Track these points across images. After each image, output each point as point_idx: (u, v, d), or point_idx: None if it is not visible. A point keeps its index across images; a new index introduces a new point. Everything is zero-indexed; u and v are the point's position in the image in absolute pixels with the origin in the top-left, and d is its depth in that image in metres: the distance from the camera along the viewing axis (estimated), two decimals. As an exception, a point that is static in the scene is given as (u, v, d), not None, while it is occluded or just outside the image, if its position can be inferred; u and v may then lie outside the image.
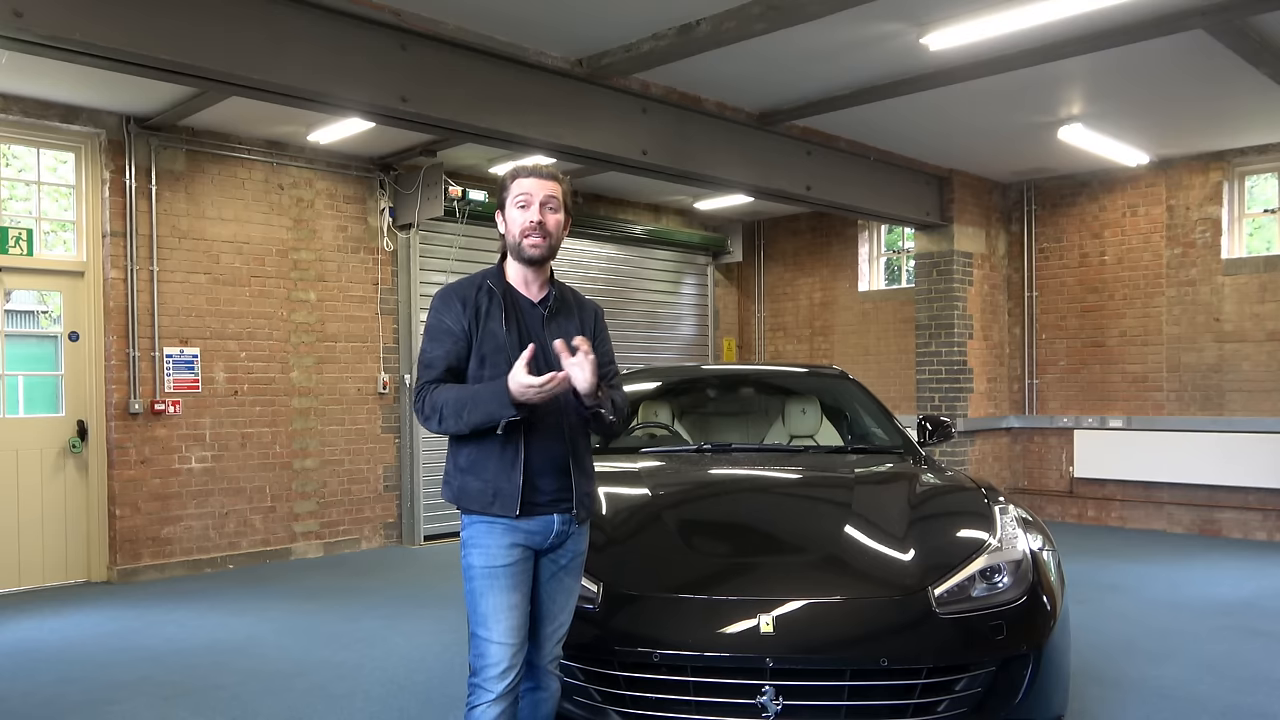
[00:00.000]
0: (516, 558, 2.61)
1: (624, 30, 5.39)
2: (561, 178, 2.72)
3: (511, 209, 2.67)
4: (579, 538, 2.76)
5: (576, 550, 2.76)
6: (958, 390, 8.95)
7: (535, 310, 2.72)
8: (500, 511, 2.58)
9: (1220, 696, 4.13)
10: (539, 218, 2.64)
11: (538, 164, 2.74)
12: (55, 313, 6.93)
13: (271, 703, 4.19)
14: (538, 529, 2.64)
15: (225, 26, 4.50)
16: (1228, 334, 8.29)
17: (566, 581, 2.76)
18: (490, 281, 2.72)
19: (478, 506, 2.62)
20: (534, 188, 2.66)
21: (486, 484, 2.60)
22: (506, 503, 2.59)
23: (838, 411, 5.06)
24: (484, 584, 2.59)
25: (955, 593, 3.06)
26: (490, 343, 2.63)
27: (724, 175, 6.99)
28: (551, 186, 2.68)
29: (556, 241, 2.69)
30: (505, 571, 2.59)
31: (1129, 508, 8.82)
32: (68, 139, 6.74)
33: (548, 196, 2.66)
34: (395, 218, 8.18)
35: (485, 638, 2.57)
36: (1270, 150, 8.09)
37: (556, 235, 2.68)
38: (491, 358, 2.63)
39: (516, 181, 2.68)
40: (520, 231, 2.64)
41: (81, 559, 6.81)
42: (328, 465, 7.82)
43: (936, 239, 9.03)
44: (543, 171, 2.69)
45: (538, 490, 2.61)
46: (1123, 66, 6.03)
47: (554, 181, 2.69)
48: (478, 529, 2.63)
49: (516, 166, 2.72)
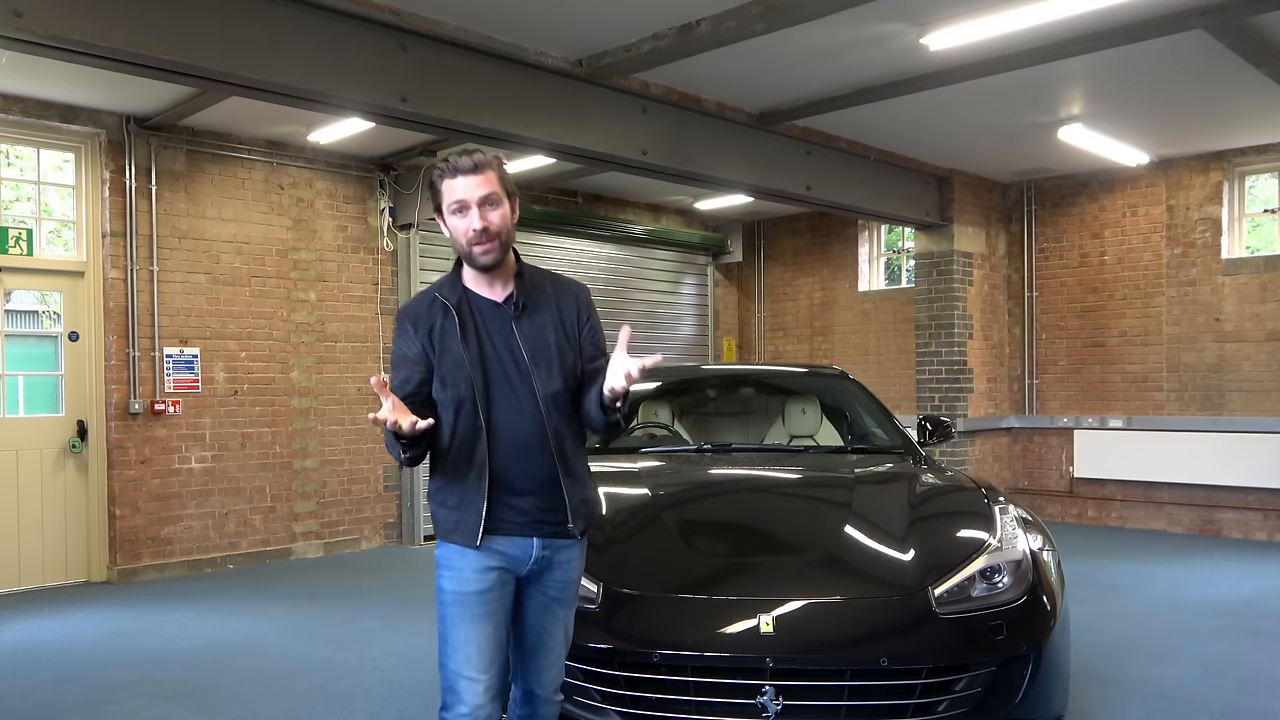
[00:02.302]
0: (490, 583, 2.40)
1: (624, 30, 5.39)
2: (493, 161, 2.40)
3: (449, 217, 2.40)
4: (567, 566, 2.51)
5: (565, 580, 2.52)
6: (958, 390, 8.95)
7: (500, 312, 2.45)
8: (461, 540, 2.39)
9: (1220, 696, 4.13)
10: (481, 223, 2.35)
11: (462, 157, 2.38)
12: (55, 312, 6.93)
13: (271, 703, 4.19)
14: (515, 552, 2.43)
15: (225, 26, 4.50)
16: (1228, 334, 8.29)
17: (560, 614, 2.55)
18: (443, 293, 2.46)
19: (442, 534, 2.46)
20: (466, 190, 2.36)
21: (450, 511, 2.42)
22: (467, 532, 2.39)
23: (838, 411, 5.06)
24: (454, 610, 2.39)
25: (955, 593, 3.06)
26: (448, 361, 2.39)
27: (724, 175, 6.99)
28: (485, 181, 2.37)
29: (508, 238, 2.41)
30: (477, 599, 2.38)
31: (1129, 508, 8.82)
32: (68, 139, 6.74)
33: (484, 196, 2.36)
34: (395, 218, 8.18)
35: (455, 670, 2.38)
36: (1270, 150, 8.09)
37: (506, 232, 2.40)
38: (451, 377, 2.39)
39: (446, 185, 2.38)
40: (466, 241, 2.38)
41: (81, 559, 6.81)
42: (328, 465, 7.82)
43: (936, 239, 9.03)
44: (470, 165, 2.36)
45: (516, 510, 2.41)
46: (1123, 66, 6.03)
47: (486, 173, 2.37)
48: (449, 549, 2.43)
49: (440, 166, 2.39)
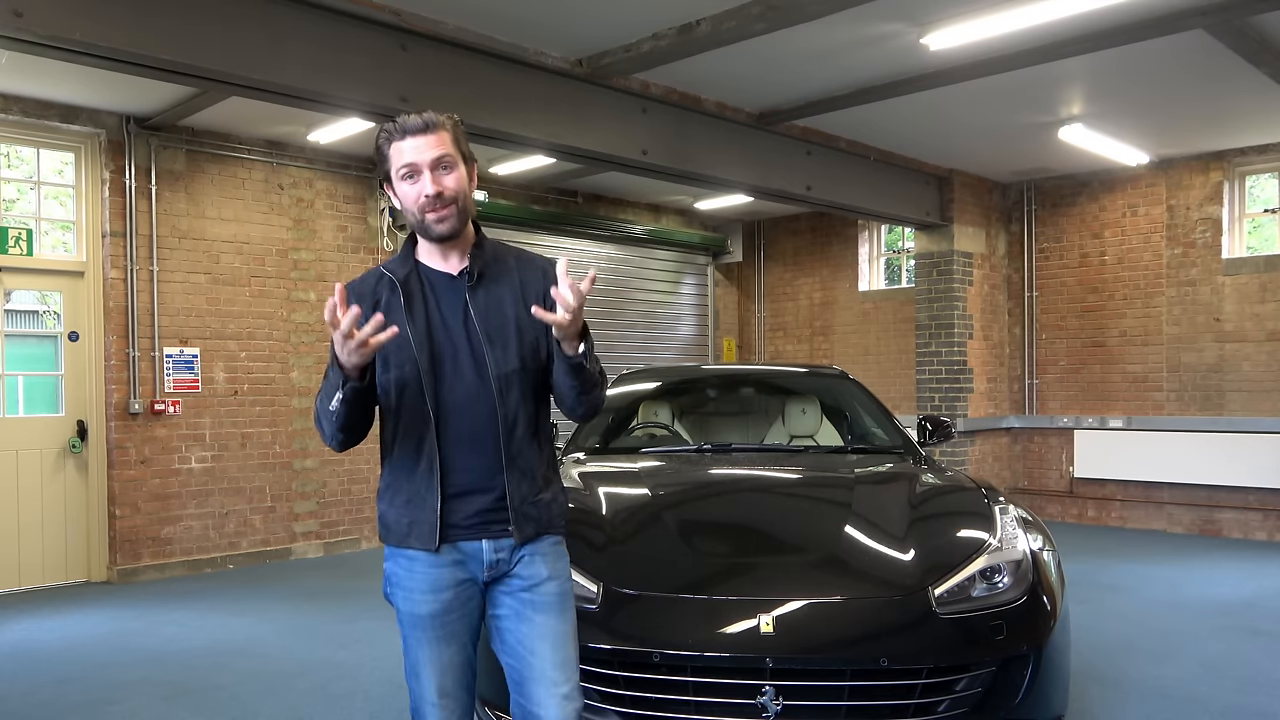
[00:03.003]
0: (444, 603, 2.13)
1: (624, 30, 5.39)
2: (446, 120, 2.12)
3: (399, 184, 2.12)
4: (536, 561, 2.17)
5: (534, 576, 2.16)
6: (958, 390, 8.95)
7: (454, 285, 2.18)
8: (417, 544, 2.12)
9: (1220, 696, 4.13)
10: (434, 188, 2.07)
11: (410, 117, 2.11)
12: (55, 312, 6.93)
13: (271, 703, 4.19)
14: (468, 558, 2.14)
15: (225, 26, 4.50)
16: (1228, 334, 8.29)
17: (539, 623, 2.14)
18: (389, 268, 2.21)
19: (395, 540, 2.15)
20: (416, 152, 2.07)
21: (401, 511, 2.14)
22: (422, 535, 2.10)
23: (838, 411, 5.06)
24: (410, 633, 2.15)
25: (955, 593, 3.05)
26: (392, 341, 2.04)
27: (724, 175, 6.99)
28: (437, 141, 2.08)
29: (465, 204, 2.13)
30: (431, 621, 2.13)
31: (1129, 508, 8.82)
32: (68, 139, 6.74)
33: (436, 158, 2.08)
34: (395, 218, 8.18)
35: (418, 694, 2.16)
36: (1270, 150, 8.09)
37: (463, 197, 2.12)
38: (395, 356, 2.11)
39: (394, 148, 2.10)
40: (418, 208, 2.10)
41: (81, 559, 6.81)
42: (328, 465, 7.82)
43: (936, 239, 9.03)
44: (420, 125, 2.08)
45: (469, 507, 2.12)
46: (1123, 66, 6.03)
47: (438, 133, 2.09)
48: (396, 564, 2.16)
49: (385, 128, 2.11)
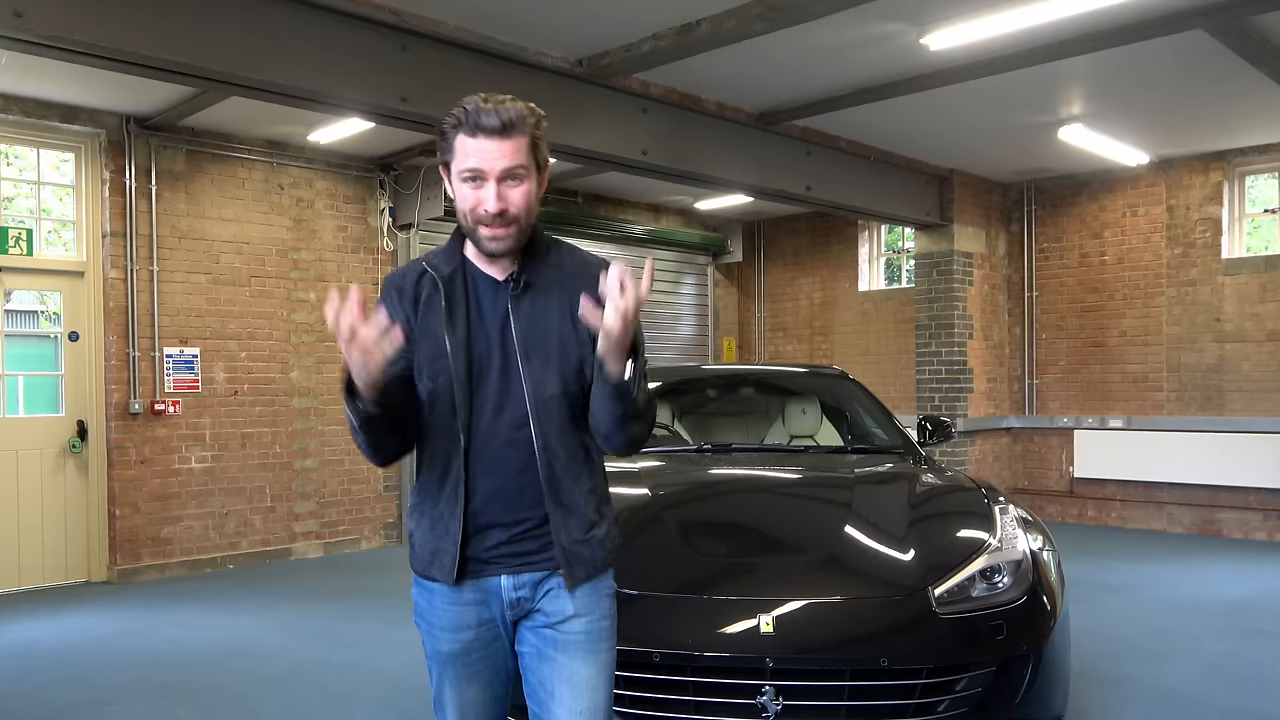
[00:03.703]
0: (466, 643, 1.93)
1: (624, 30, 5.39)
2: (528, 118, 1.80)
3: (457, 181, 1.83)
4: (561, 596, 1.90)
5: (558, 613, 1.90)
6: (958, 390, 8.95)
7: (499, 291, 1.90)
8: (438, 575, 1.90)
9: (1220, 696, 4.13)
10: (496, 205, 1.79)
11: (488, 108, 1.77)
12: (55, 312, 6.93)
13: (271, 703, 4.19)
14: (489, 595, 1.92)
15: (225, 26, 4.50)
16: (1228, 334, 8.29)
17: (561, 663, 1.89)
18: (433, 263, 1.93)
19: (419, 566, 1.95)
20: (485, 157, 1.77)
21: (426, 536, 1.93)
22: (443, 566, 1.89)
23: (838, 411, 5.06)
24: (433, 665, 1.99)
25: (955, 593, 3.05)
26: (427, 345, 1.87)
27: (724, 175, 6.99)
28: (514, 149, 1.78)
29: (528, 222, 1.85)
30: (453, 660, 1.94)
31: (1129, 508, 8.82)
32: (68, 139, 6.74)
33: (507, 169, 1.78)
34: (395, 218, 8.18)
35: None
36: (1270, 150, 8.09)
37: (526, 215, 1.83)
38: (429, 366, 1.87)
39: (460, 142, 1.80)
40: (473, 219, 1.83)
41: (81, 559, 6.81)
42: (328, 465, 7.82)
43: (936, 239, 9.03)
44: (497, 125, 1.76)
45: (482, 544, 1.89)
46: (1123, 66, 6.03)
47: (516, 138, 1.78)
48: (420, 593, 1.98)
49: (457, 113, 1.80)
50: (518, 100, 1.81)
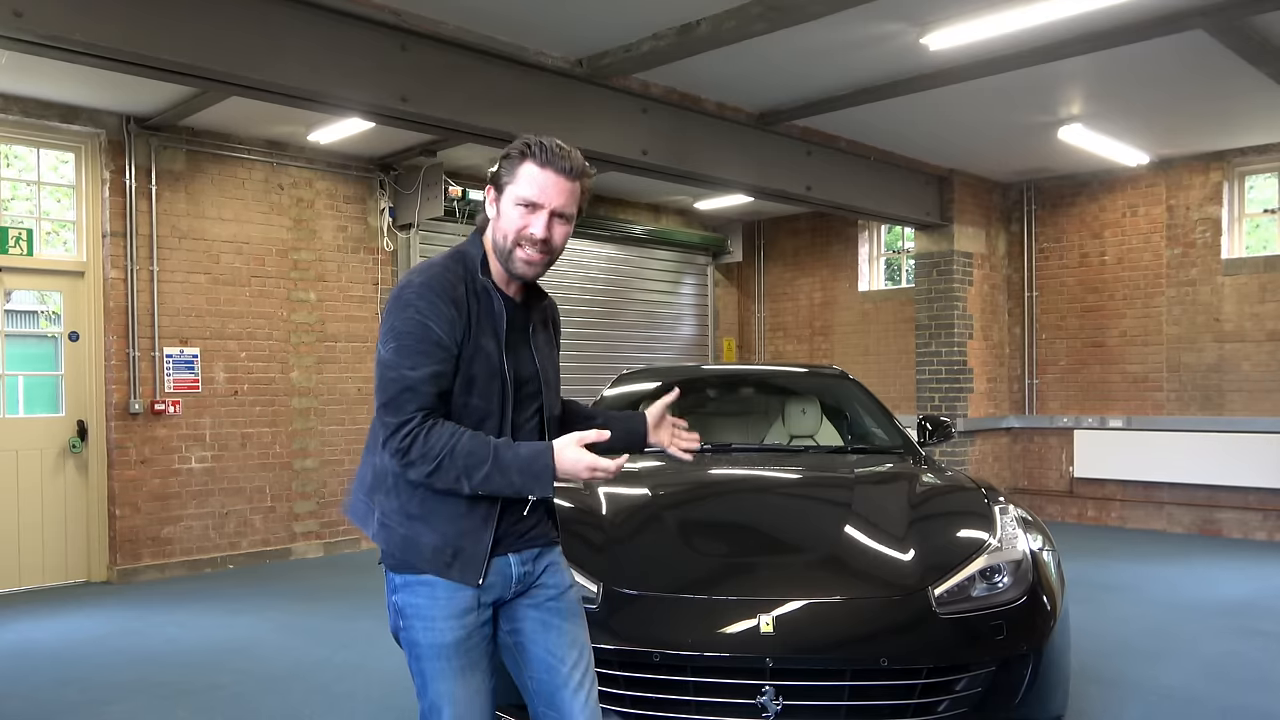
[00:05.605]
0: (468, 627, 2.02)
1: (624, 30, 5.39)
2: (588, 173, 2.05)
3: (510, 205, 2.00)
4: (558, 570, 2.18)
5: (560, 584, 2.16)
6: (958, 390, 8.95)
7: (519, 316, 2.11)
8: (460, 578, 2.00)
9: (1220, 696, 4.13)
10: (544, 233, 1.99)
11: (560, 152, 1.99)
12: (55, 312, 6.93)
13: (271, 703, 4.19)
14: (495, 581, 2.06)
15: (225, 26, 4.50)
16: (1228, 334, 8.29)
17: (564, 629, 2.12)
18: (472, 277, 2.05)
19: (429, 567, 2.00)
20: (547, 193, 1.98)
21: (445, 540, 2.00)
22: (469, 567, 2.00)
23: (838, 411, 5.07)
24: (432, 665, 2.01)
25: (955, 593, 3.06)
26: (484, 364, 1.99)
27: (724, 175, 6.99)
28: (571, 193, 2.01)
29: (555, 259, 2.08)
30: (455, 650, 2.01)
31: (1129, 508, 8.82)
32: (68, 139, 6.74)
33: (562, 207, 2.01)
34: (395, 218, 8.18)
35: None
36: (1270, 150, 8.09)
37: (558, 253, 2.07)
38: (483, 386, 2.00)
39: (526, 170, 1.98)
40: (515, 240, 2.00)
41: (81, 559, 6.81)
42: (328, 465, 7.82)
43: (936, 239, 9.03)
44: (567, 168, 1.99)
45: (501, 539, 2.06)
46: (1122, 66, 6.03)
47: (578, 181, 2.02)
48: (416, 593, 2.01)
49: (530, 144, 1.99)
50: (578, 151, 2.05)
